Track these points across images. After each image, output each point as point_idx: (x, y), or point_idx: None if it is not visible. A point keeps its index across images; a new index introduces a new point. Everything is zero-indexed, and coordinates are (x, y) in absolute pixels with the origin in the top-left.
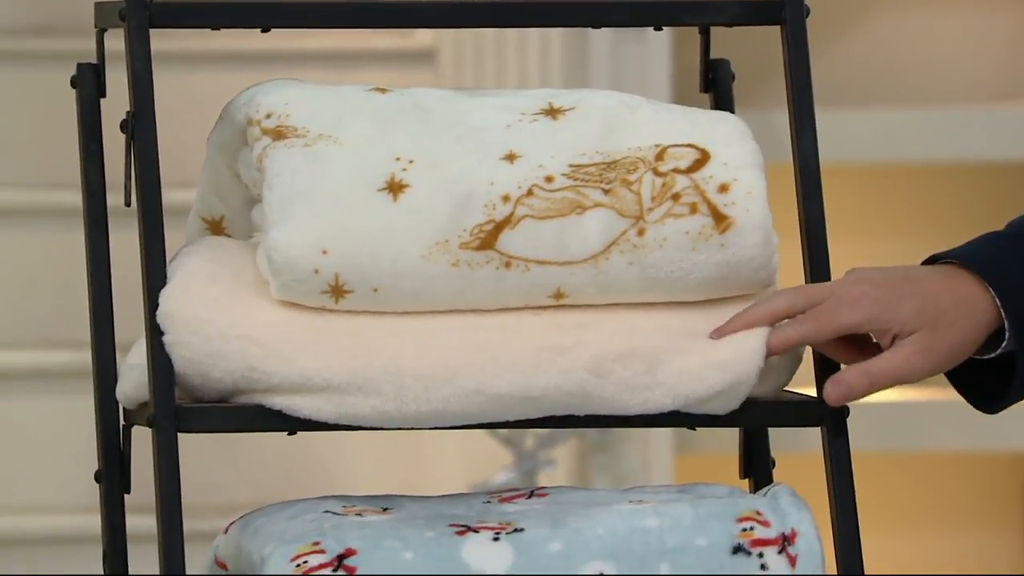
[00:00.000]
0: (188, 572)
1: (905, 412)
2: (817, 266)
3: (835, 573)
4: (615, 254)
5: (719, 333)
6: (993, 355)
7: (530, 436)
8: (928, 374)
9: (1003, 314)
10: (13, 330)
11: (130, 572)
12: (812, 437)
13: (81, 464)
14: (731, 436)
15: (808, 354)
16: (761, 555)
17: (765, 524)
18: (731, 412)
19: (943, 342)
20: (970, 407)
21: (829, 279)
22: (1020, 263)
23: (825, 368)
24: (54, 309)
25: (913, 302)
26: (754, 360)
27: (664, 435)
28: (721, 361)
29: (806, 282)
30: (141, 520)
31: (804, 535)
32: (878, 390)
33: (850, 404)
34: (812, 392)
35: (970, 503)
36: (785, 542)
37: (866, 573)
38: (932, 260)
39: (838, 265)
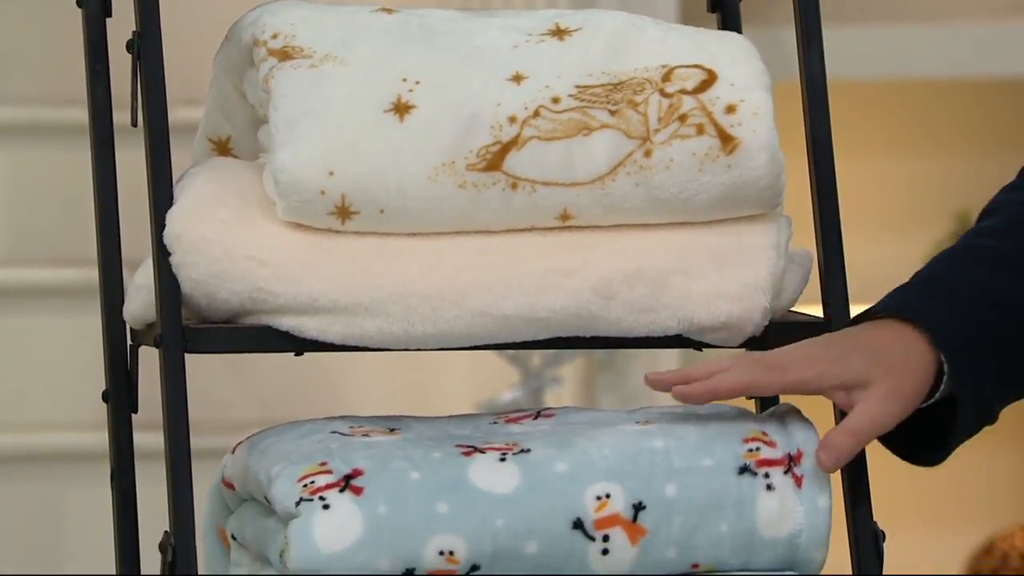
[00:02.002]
0: (196, 489)
1: None
2: (824, 185)
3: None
4: (621, 175)
5: (681, 395)
6: (931, 401)
7: (536, 355)
8: (899, 417)
9: (942, 356)
10: (20, 247)
11: (137, 489)
12: None
13: (89, 381)
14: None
15: (815, 279)
16: (767, 475)
17: (771, 445)
18: None
19: (906, 383)
20: None
21: (836, 198)
22: (946, 302)
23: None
24: (61, 226)
25: (861, 354)
26: (760, 299)
27: (671, 353)
28: (728, 293)
29: (813, 200)
30: (149, 437)
31: (810, 455)
32: (865, 444)
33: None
34: (818, 310)
35: None
36: (791, 463)
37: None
38: (860, 318)
39: (844, 183)
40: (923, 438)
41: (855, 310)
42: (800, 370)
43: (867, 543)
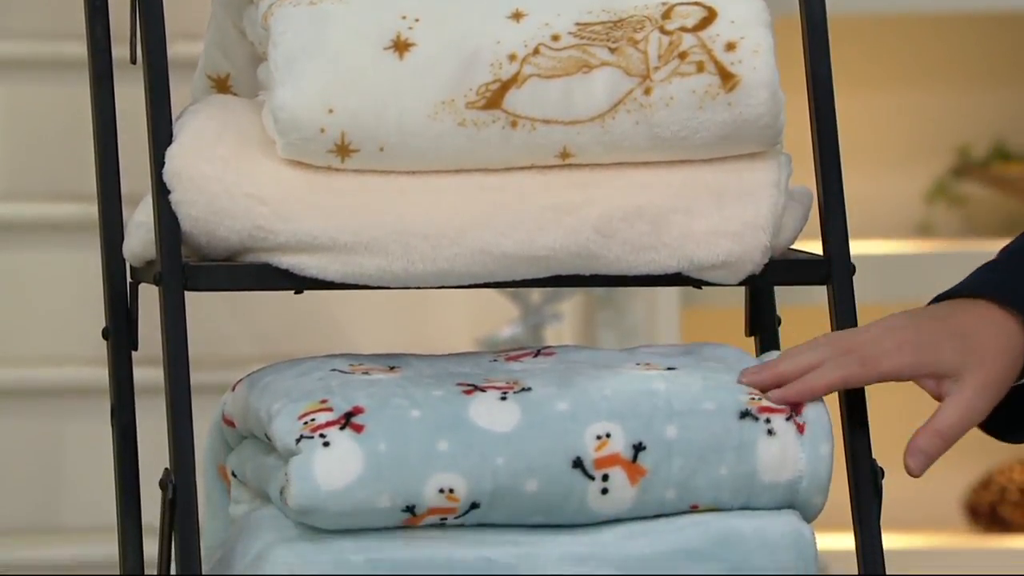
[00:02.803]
0: (196, 426)
1: (911, 264)
2: (824, 123)
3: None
4: (621, 113)
5: (779, 400)
6: (1020, 382)
7: (536, 291)
8: (988, 410)
9: None
10: (19, 182)
11: (137, 425)
12: (818, 290)
13: (88, 317)
14: (737, 292)
15: (814, 216)
16: (768, 420)
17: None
18: None
19: (996, 375)
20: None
21: (836, 136)
22: None
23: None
24: (61, 161)
25: (953, 342)
26: (760, 237)
27: (671, 291)
28: (728, 231)
29: (812, 137)
30: (148, 373)
31: (812, 405)
32: (953, 444)
33: (855, 261)
34: (817, 247)
35: None
36: (792, 411)
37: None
38: (944, 297)
39: (843, 119)
40: (1009, 415)
41: (855, 247)
42: (893, 361)
43: (866, 480)
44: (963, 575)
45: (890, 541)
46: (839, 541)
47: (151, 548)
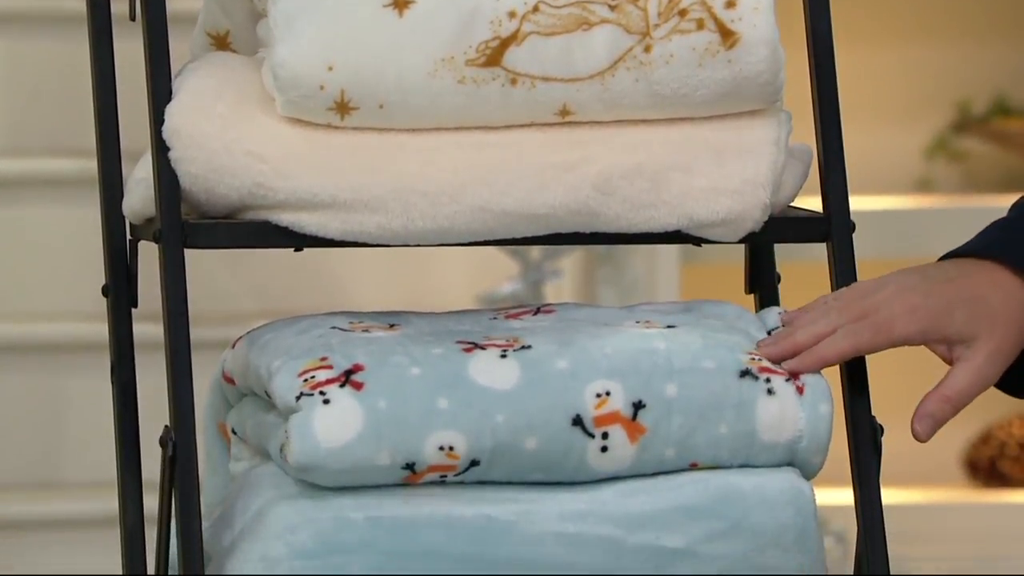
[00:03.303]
0: (196, 381)
1: (911, 220)
2: (824, 80)
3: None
4: (621, 71)
5: (792, 368)
6: None
7: (536, 248)
8: (999, 375)
9: None
10: (18, 137)
11: (138, 380)
12: (818, 247)
13: (88, 272)
14: (737, 249)
15: (814, 173)
16: (768, 380)
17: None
18: None
19: (1007, 342)
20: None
21: (836, 93)
22: None
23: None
24: (60, 116)
25: (964, 307)
26: (759, 194)
27: (670, 248)
28: (728, 189)
29: (812, 94)
30: (149, 328)
31: None
32: (961, 409)
33: (855, 217)
34: (817, 204)
35: None
36: (792, 374)
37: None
38: (953, 255)
39: (843, 75)
40: (1021, 373)
41: (854, 203)
42: (905, 327)
43: (865, 438)
44: (962, 529)
45: (889, 496)
46: (838, 496)
47: (151, 503)
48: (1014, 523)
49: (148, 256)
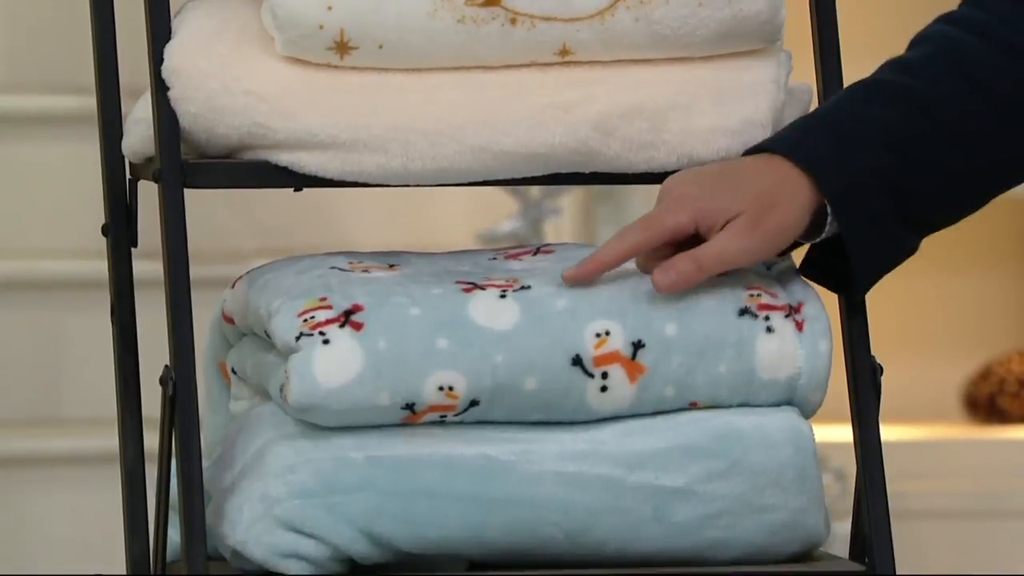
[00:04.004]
0: (196, 319)
1: None
2: (824, 18)
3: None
4: (621, 10)
5: (572, 279)
6: (821, 237)
7: (536, 186)
8: (757, 252)
9: (822, 192)
10: (18, 73)
11: (138, 318)
12: None
13: (88, 209)
14: None
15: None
16: (767, 318)
17: (772, 295)
18: None
19: (766, 220)
20: None
21: (836, 32)
22: (831, 142)
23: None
24: (59, 53)
25: (732, 190)
26: (759, 134)
27: None
28: (728, 128)
29: (812, 34)
30: (149, 266)
31: (810, 304)
32: (708, 274)
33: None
34: None
35: (971, 246)
36: (792, 310)
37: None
38: (752, 151)
39: (844, 16)
40: (841, 270)
41: None
42: (674, 216)
43: (865, 377)
44: (961, 466)
45: (888, 433)
46: (837, 433)
47: (151, 441)
48: (1013, 459)
49: (148, 194)
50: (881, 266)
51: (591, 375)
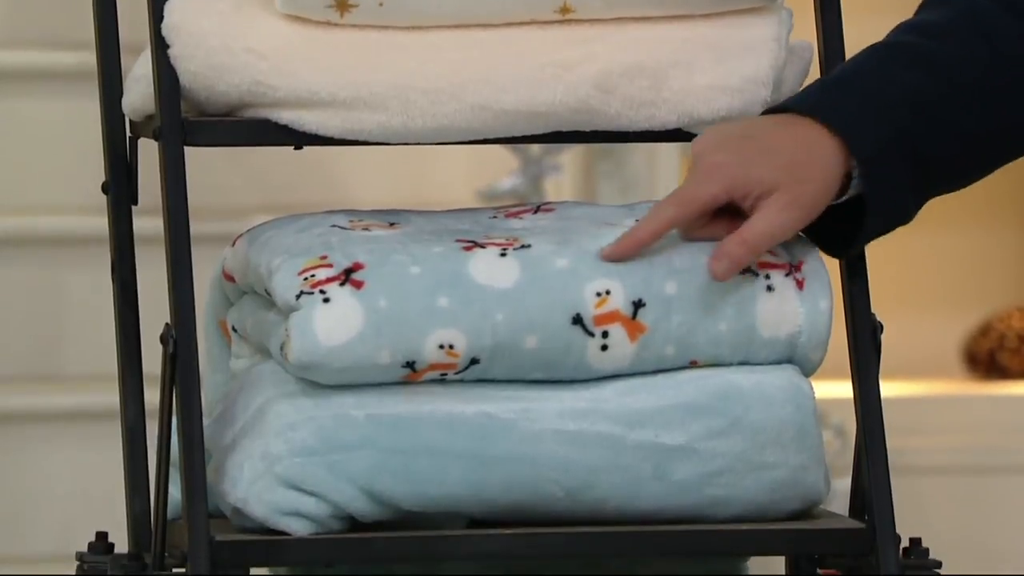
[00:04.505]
0: (196, 275)
1: None
2: None
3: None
4: None
5: (609, 257)
6: (843, 199)
7: None
8: (800, 225)
9: (851, 154)
10: (17, 30)
11: (139, 275)
12: None
13: (89, 166)
14: None
15: (815, 71)
16: (768, 276)
17: (773, 253)
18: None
19: (806, 193)
20: None
21: None
22: (858, 104)
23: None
24: (59, 9)
25: (765, 160)
26: (760, 92)
27: (671, 145)
28: (729, 86)
29: None
30: (149, 223)
31: (810, 262)
32: (759, 254)
33: None
34: None
35: (971, 202)
36: (792, 269)
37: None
38: (774, 110)
39: None
40: (834, 230)
41: None
42: (707, 189)
43: (865, 335)
44: (961, 422)
45: (888, 389)
46: (838, 389)
47: (152, 396)
48: (1013, 415)
49: (149, 151)
50: (884, 229)
51: (591, 334)
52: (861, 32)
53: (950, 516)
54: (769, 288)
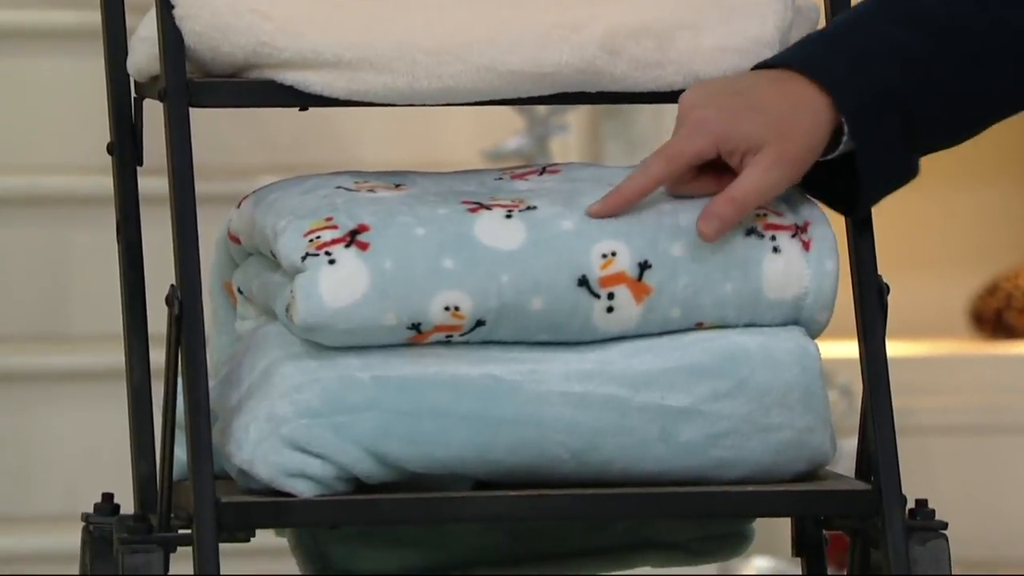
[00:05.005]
0: (202, 235)
1: None
2: None
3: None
4: None
5: (597, 214)
6: (834, 155)
7: None
8: (789, 181)
9: (839, 110)
10: None
11: (145, 234)
12: None
13: (94, 125)
14: None
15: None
16: (774, 238)
17: (779, 214)
18: None
19: (793, 148)
20: None
21: None
22: (846, 60)
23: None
24: None
25: (753, 116)
26: (766, 53)
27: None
28: (735, 47)
29: None
30: (154, 182)
31: (816, 223)
32: (748, 212)
33: None
34: None
35: (978, 161)
36: (799, 230)
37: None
38: (757, 67)
39: None
40: (843, 189)
41: None
42: (693, 144)
43: (871, 296)
44: (967, 381)
45: (895, 349)
46: (844, 349)
47: (158, 356)
48: (1020, 374)
49: (154, 111)
50: (888, 186)
51: (597, 296)
52: None
53: (957, 475)
54: (775, 250)
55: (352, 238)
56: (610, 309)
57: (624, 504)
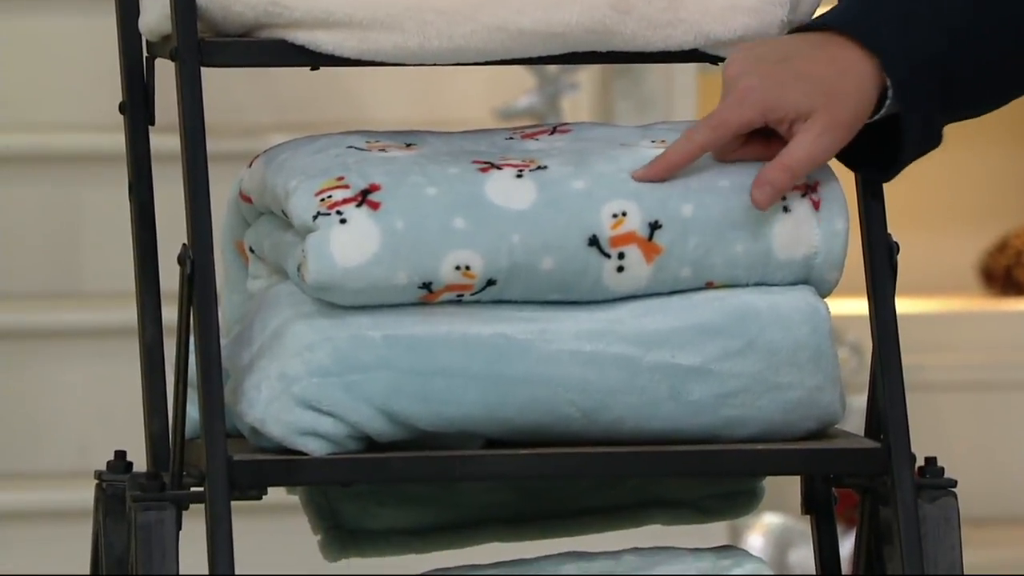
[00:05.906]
0: (213, 195)
1: None
2: None
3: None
4: None
5: (642, 179)
6: (877, 117)
7: None
8: (838, 147)
9: (886, 74)
10: None
11: (157, 193)
12: None
13: (106, 84)
14: None
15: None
16: (784, 197)
17: None
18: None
19: (843, 115)
20: None
21: None
22: (893, 23)
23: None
24: None
25: (799, 84)
26: (777, 12)
27: (688, 66)
28: (745, 6)
29: None
30: (167, 140)
31: (827, 183)
32: (800, 179)
33: None
34: None
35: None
36: (809, 190)
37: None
38: (800, 29)
39: None
40: (872, 152)
41: None
42: (740, 114)
43: (881, 256)
44: (977, 338)
45: (905, 306)
46: (854, 306)
47: (170, 313)
48: None
49: (166, 70)
50: (918, 152)
51: (608, 255)
52: None
53: (966, 432)
54: (785, 209)
55: (363, 197)
56: (620, 269)
57: (634, 463)
